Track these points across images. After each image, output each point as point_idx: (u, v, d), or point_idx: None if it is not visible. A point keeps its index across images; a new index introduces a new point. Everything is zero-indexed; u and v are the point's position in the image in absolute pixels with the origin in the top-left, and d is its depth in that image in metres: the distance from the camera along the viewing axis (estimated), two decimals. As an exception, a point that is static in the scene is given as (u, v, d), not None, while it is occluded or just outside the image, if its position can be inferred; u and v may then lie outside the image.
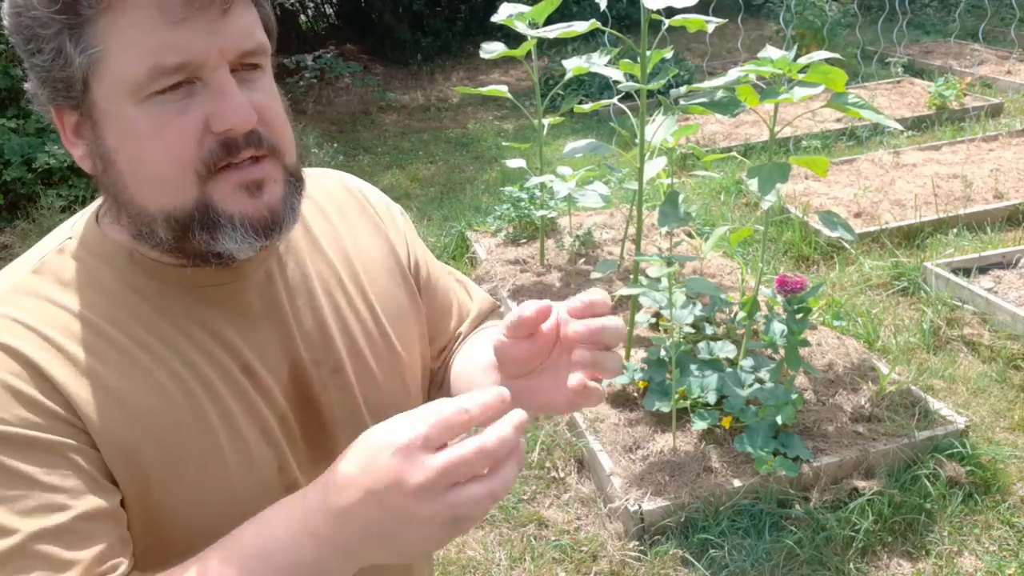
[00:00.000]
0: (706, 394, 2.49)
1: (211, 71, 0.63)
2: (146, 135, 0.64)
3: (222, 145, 0.64)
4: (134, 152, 0.65)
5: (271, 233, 0.68)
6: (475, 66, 8.23)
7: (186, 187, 0.65)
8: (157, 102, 0.63)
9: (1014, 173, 4.34)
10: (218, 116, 0.64)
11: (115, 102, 0.64)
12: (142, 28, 0.61)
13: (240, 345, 0.73)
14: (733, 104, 2.21)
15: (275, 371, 0.75)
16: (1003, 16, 7.97)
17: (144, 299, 0.71)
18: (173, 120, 0.63)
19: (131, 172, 0.66)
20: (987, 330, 3.06)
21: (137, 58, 0.61)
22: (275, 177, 0.69)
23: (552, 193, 3.76)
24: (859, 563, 2.15)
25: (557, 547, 2.29)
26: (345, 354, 0.80)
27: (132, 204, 0.67)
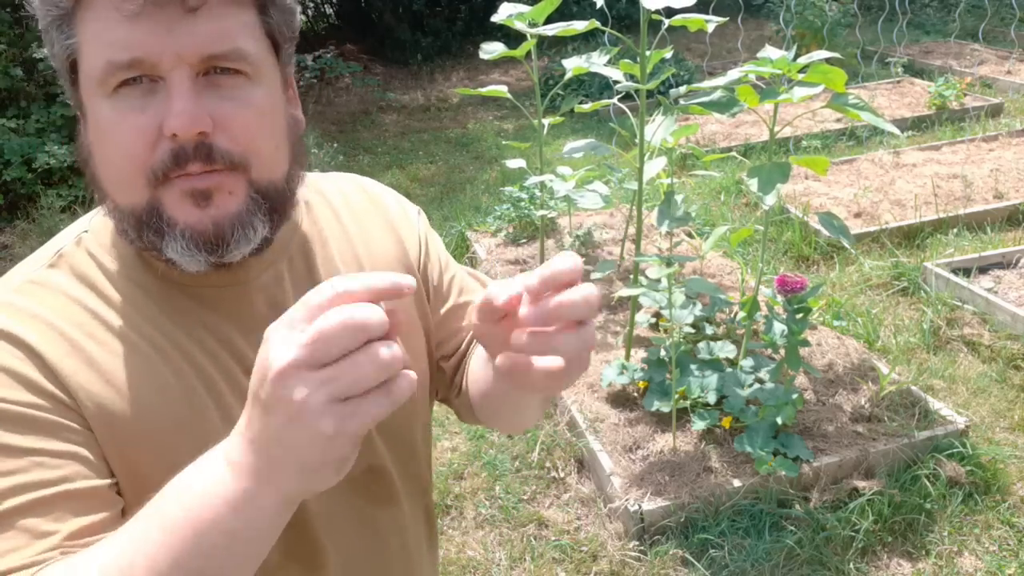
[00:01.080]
0: (706, 394, 2.49)
1: (168, 71, 0.61)
2: (108, 130, 0.64)
3: (172, 154, 0.62)
4: (102, 147, 0.65)
5: (214, 249, 0.65)
6: (475, 66, 8.23)
7: (139, 187, 0.64)
8: (121, 97, 0.63)
9: (1014, 173, 4.34)
10: (166, 119, 0.62)
11: (89, 95, 0.64)
12: (102, 22, 0.61)
13: (244, 348, 0.72)
14: (732, 104, 2.21)
15: None
16: (1003, 16, 7.96)
17: (150, 297, 0.70)
18: (130, 117, 0.63)
19: (102, 166, 0.66)
20: (987, 330, 3.06)
21: (96, 52, 0.62)
22: (230, 190, 0.65)
23: (552, 193, 3.76)
24: (859, 563, 2.15)
25: (557, 547, 2.29)
26: None
27: (108, 199, 0.68)
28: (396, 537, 0.83)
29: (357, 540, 0.79)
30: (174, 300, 0.71)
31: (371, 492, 0.79)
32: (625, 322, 3.07)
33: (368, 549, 0.80)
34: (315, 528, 0.75)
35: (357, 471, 0.76)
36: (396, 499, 0.81)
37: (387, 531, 0.81)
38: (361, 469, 0.77)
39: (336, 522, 0.76)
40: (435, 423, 2.90)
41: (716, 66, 6.87)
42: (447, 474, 2.63)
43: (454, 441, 2.80)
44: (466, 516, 2.46)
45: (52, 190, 4.85)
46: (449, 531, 2.42)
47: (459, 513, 2.48)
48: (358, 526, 0.78)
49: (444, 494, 2.55)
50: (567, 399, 2.72)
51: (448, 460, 2.71)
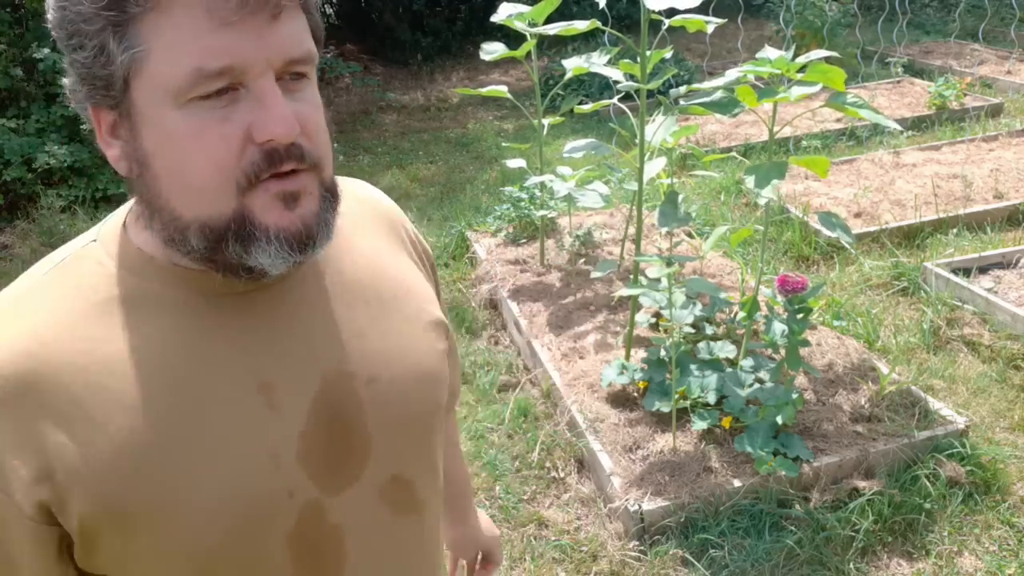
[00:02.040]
0: (706, 394, 2.49)
1: (255, 78, 0.61)
2: (186, 141, 0.62)
3: (264, 155, 0.62)
4: (173, 157, 0.63)
5: (305, 249, 0.66)
6: (475, 66, 8.23)
7: (225, 197, 0.63)
8: (199, 107, 0.61)
9: (1014, 173, 4.34)
10: (260, 126, 0.62)
11: (155, 104, 0.62)
12: (188, 30, 0.59)
13: (263, 359, 0.70)
14: (732, 104, 2.21)
15: (300, 385, 0.71)
16: (1003, 16, 7.97)
17: (162, 310, 0.68)
18: (215, 127, 0.61)
19: (168, 178, 0.64)
20: (987, 330, 3.06)
21: (180, 61, 0.59)
22: (311, 191, 0.66)
23: (552, 193, 3.76)
24: (859, 563, 2.15)
25: (557, 547, 2.29)
26: (382, 363, 0.76)
27: (166, 210, 0.65)
28: (418, 548, 0.82)
29: (381, 550, 0.77)
30: (189, 311, 0.69)
31: (396, 502, 0.77)
32: (625, 322, 3.07)
33: (392, 559, 0.79)
34: (341, 537, 0.73)
35: (382, 480, 0.75)
36: (419, 509, 0.80)
37: (410, 542, 0.80)
38: (386, 478, 0.75)
39: (361, 532, 0.75)
40: (435, 423, 2.90)
41: (716, 66, 6.87)
42: (447, 474, 2.62)
43: (454, 441, 2.80)
44: (466, 516, 2.46)
45: (52, 190, 4.85)
46: (449, 531, 2.42)
47: (459, 513, 2.48)
48: (382, 536, 0.77)
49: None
50: (567, 399, 2.72)
51: (448, 460, 2.70)
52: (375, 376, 0.75)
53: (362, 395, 0.74)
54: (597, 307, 3.29)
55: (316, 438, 0.71)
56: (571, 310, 3.28)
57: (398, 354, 0.78)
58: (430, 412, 0.80)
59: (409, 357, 0.79)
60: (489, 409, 2.92)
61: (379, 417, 0.74)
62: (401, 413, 0.76)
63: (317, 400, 0.71)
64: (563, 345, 3.05)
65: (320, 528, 0.71)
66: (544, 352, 3.03)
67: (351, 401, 0.73)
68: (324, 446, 0.71)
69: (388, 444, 0.75)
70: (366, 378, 0.74)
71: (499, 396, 3.01)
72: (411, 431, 0.78)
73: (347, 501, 0.72)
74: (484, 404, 2.97)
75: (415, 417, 0.78)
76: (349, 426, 0.73)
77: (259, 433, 0.68)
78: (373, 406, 0.74)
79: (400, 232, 0.88)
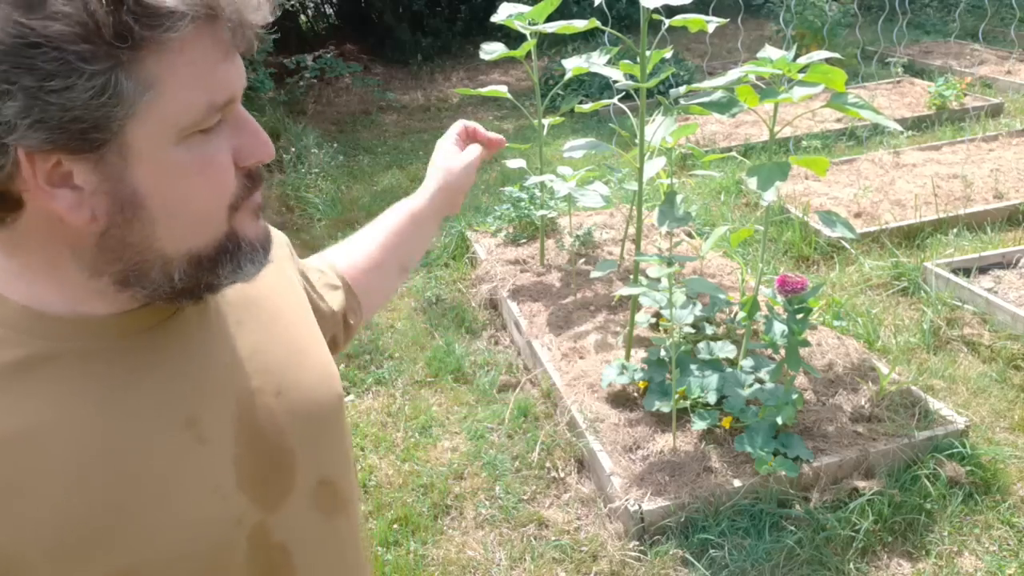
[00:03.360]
0: (706, 394, 2.49)
1: (233, 106, 0.65)
2: (192, 175, 0.62)
3: (250, 179, 0.66)
4: (176, 194, 0.61)
5: (268, 252, 0.70)
6: (475, 66, 8.23)
7: (221, 222, 0.65)
8: (198, 141, 0.61)
9: (1014, 173, 4.34)
10: (246, 150, 0.65)
11: (158, 144, 0.59)
12: (200, 66, 0.59)
13: (179, 394, 0.67)
14: (732, 104, 2.21)
15: (221, 411, 0.70)
16: (1003, 16, 7.97)
17: (67, 366, 0.63)
18: (215, 158, 0.63)
19: (166, 216, 0.62)
20: (987, 330, 3.06)
21: (193, 96, 0.59)
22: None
23: (552, 193, 3.76)
24: (859, 563, 2.15)
25: (557, 547, 2.29)
26: (283, 373, 0.76)
27: (151, 251, 0.62)
28: (352, 545, 0.83)
29: (323, 556, 0.78)
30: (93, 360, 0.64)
31: (326, 505, 0.78)
32: (625, 322, 3.07)
33: (334, 562, 0.80)
34: (287, 553, 0.74)
35: (312, 486, 0.76)
36: (345, 507, 0.81)
37: (345, 540, 0.82)
38: (314, 484, 0.76)
39: (303, 543, 0.75)
40: (435, 423, 2.90)
41: (716, 66, 6.87)
42: (447, 474, 2.63)
43: (454, 441, 2.80)
44: (466, 516, 2.46)
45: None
46: (449, 531, 2.42)
47: (459, 513, 2.48)
48: (321, 542, 0.77)
49: (444, 494, 2.55)
50: (567, 399, 2.72)
51: (448, 460, 2.71)
52: (281, 386, 0.75)
53: (275, 408, 0.74)
54: (597, 307, 3.29)
55: (248, 460, 0.70)
56: (571, 310, 3.28)
57: (295, 359, 0.78)
58: (335, 406, 0.81)
59: (305, 359, 0.80)
60: (489, 409, 2.92)
61: (295, 426, 0.75)
62: (313, 416, 0.77)
63: (237, 422, 0.71)
64: (563, 345, 3.05)
65: (267, 548, 0.72)
66: (544, 352, 3.03)
67: (267, 416, 0.73)
68: (256, 466, 0.71)
69: (309, 449, 0.76)
70: (274, 391, 0.74)
71: (499, 396, 3.01)
72: (325, 430, 0.79)
73: (286, 515, 0.73)
74: (484, 404, 2.97)
75: (325, 415, 0.79)
76: (271, 441, 0.73)
77: (197, 468, 0.67)
78: (287, 416, 0.74)
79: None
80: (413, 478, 2.63)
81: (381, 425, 2.92)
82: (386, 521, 2.45)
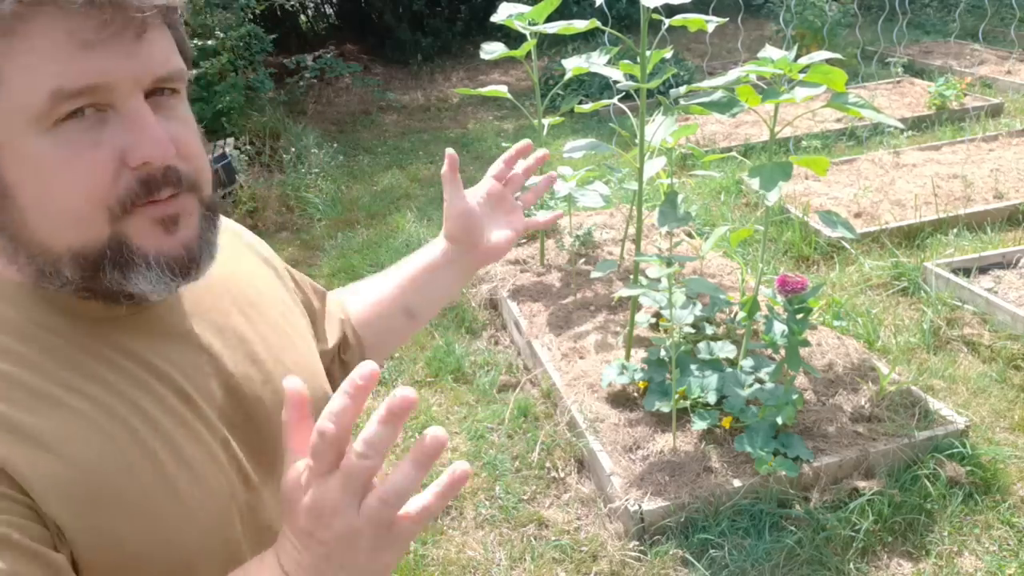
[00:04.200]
0: (706, 394, 2.49)
1: (124, 99, 0.59)
2: (54, 168, 0.58)
3: (141, 183, 0.60)
4: (39, 186, 0.59)
5: (188, 272, 0.65)
6: (475, 66, 8.23)
7: (97, 224, 0.60)
8: (65, 131, 0.58)
9: (1014, 173, 4.34)
10: (134, 149, 0.59)
11: (15, 132, 0.58)
12: (46, 52, 0.56)
13: (171, 371, 0.68)
14: (732, 104, 2.21)
15: (208, 394, 0.71)
16: (1003, 16, 7.97)
17: (59, 337, 0.64)
18: (84, 153, 0.58)
19: (35, 208, 0.60)
20: (987, 330, 3.06)
21: (37, 84, 0.56)
22: (191, 211, 0.65)
23: (552, 193, 3.76)
24: (859, 563, 2.15)
25: (557, 547, 2.29)
26: (270, 363, 0.77)
27: (33, 242, 0.61)
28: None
29: None
30: (85, 334, 0.65)
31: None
32: (625, 322, 3.07)
33: None
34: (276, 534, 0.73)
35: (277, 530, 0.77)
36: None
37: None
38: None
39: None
40: (435, 423, 2.90)
41: (716, 66, 6.87)
42: (447, 474, 2.62)
43: (454, 441, 2.80)
44: (466, 516, 2.46)
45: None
46: (449, 531, 2.42)
47: (459, 513, 2.48)
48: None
49: (444, 494, 2.54)
50: (567, 399, 2.72)
51: (448, 460, 2.71)
52: (268, 376, 0.77)
53: (263, 395, 0.75)
54: (597, 307, 3.29)
55: (234, 441, 0.72)
56: (571, 310, 3.28)
57: (281, 354, 0.80)
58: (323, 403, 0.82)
59: (290, 356, 0.81)
60: (489, 409, 2.92)
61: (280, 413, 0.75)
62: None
63: (224, 407, 0.72)
64: (563, 345, 3.05)
65: (256, 527, 0.73)
66: (544, 352, 3.03)
67: (255, 402, 0.74)
68: (242, 448, 0.73)
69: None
70: (260, 379, 0.76)
71: (499, 396, 3.01)
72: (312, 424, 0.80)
73: (270, 498, 0.75)
74: (484, 404, 2.97)
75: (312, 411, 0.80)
76: (258, 425, 0.74)
77: (197, 436, 0.69)
78: (274, 404, 0.75)
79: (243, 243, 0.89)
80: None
81: (381, 425, 2.92)
82: (386, 521, 2.45)
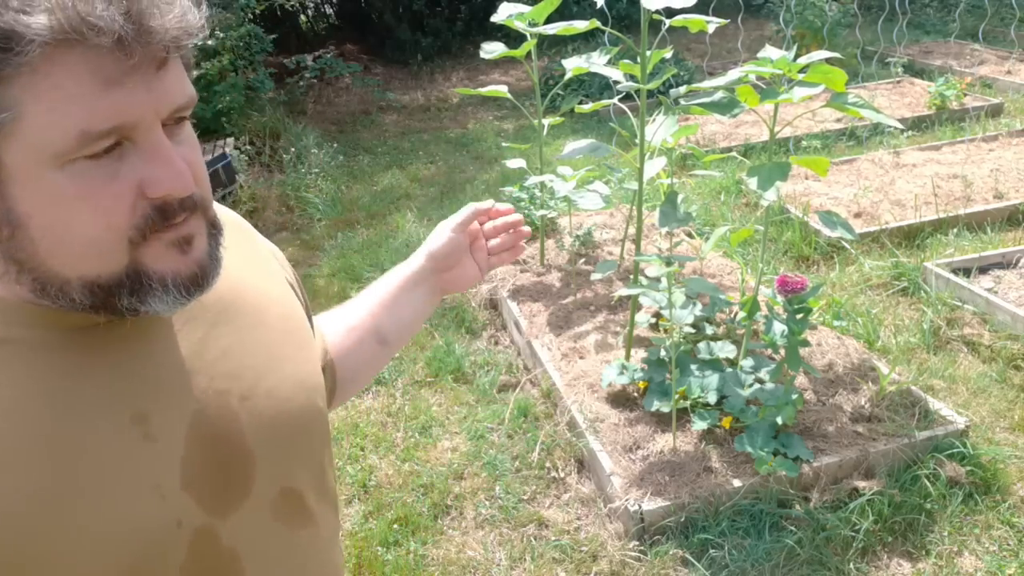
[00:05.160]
0: (706, 394, 2.49)
1: (145, 132, 0.59)
2: (72, 202, 0.58)
3: (158, 211, 0.61)
4: (55, 219, 0.59)
5: (200, 289, 0.65)
6: (475, 66, 8.23)
7: (116, 254, 0.61)
8: (84, 166, 0.58)
9: (1014, 173, 4.34)
10: (155, 182, 0.60)
11: (31, 166, 0.57)
12: (70, 91, 0.55)
13: (133, 389, 0.67)
14: (732, 104, 2.21)
15: (175, 410, 0.69)
16: (1003, 16, 7.97)
17: (16, 352, 0.63)
18: (104, 187, 0.58)
19: (48, 239, 0.60)
20: (987, 330, 3.06)
21: (63, 124, 0.56)
22: (200, 231, 0.66)
23: (552, 193, 3.76)
24: (859, 563, 2.15)
25: (557, 547, 2.29)
26: (253, 378, 0.75)
27: (42, 268, 0.61)
28: (316, 561, 0.81)
29: (280, 568, 0.76)
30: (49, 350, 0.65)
31: (289, 516, 0.76)
32: (625, 322, 3.07)
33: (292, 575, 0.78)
34: (237, 560, 0.72)
35: (272, 496, 0.74)
36: (313, 521, 0.79)
37: (308, 556, 0.79)
38: (275, 494, 0.74)
39: (257, 552, 0.73)
40: (435, 423, 2.90)
41: (716, 66, 6.87)
42: (447, 474, 2.63)
43: (454, 441, 2.80)
44: (466, 516, 2.46)
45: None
46: (449, 531, 2.42)
47: (459, 513, 2.48)
48: (279, 554, 0.76)
49: (444, 494, 2.55)
50: (567, 399, 2.72)
51: (448, 460, 2.71)
52: (249, 391, 0.74)
53: (238, 411, 0.72)
54: (597, 307, 3.29)
55: (198, 462, 0.69)
56: (571, 310, 3.28)
57: (269, 366, 0.77)
58: (310, 419, 0.79)
59: (281, 368, 0.78)
60: (489, 409, 2.92)
61: (259, 432, 0.73)
62: (281, 424, 0.75)
63: (193, 423, 0.70)
64: (563, 345, 3.05)
65: (214, 554, 0.70)
66: (544, 352, 3.03)
67: (228, 419, 0.72)
68: (207, 469, 0.70)
69: (272, 458, 0.74)
70: (240, 394, 0.73)
71: (499, 396, 3.01)
72: (293, 441, 0.77)
73: (239, 522, 0.71)
74: (484, 404, 2.97)
75: (296, 427, 0.77)
76: (229, 445, 0.71)
77: (138, 465, 0.66)
78: (251, 420, 0.73)
79: (257, 248, 0.87)
80: (413, 478, 2.63)
81: (381, 425, 2.92)
82: (386, 521, 2.45)
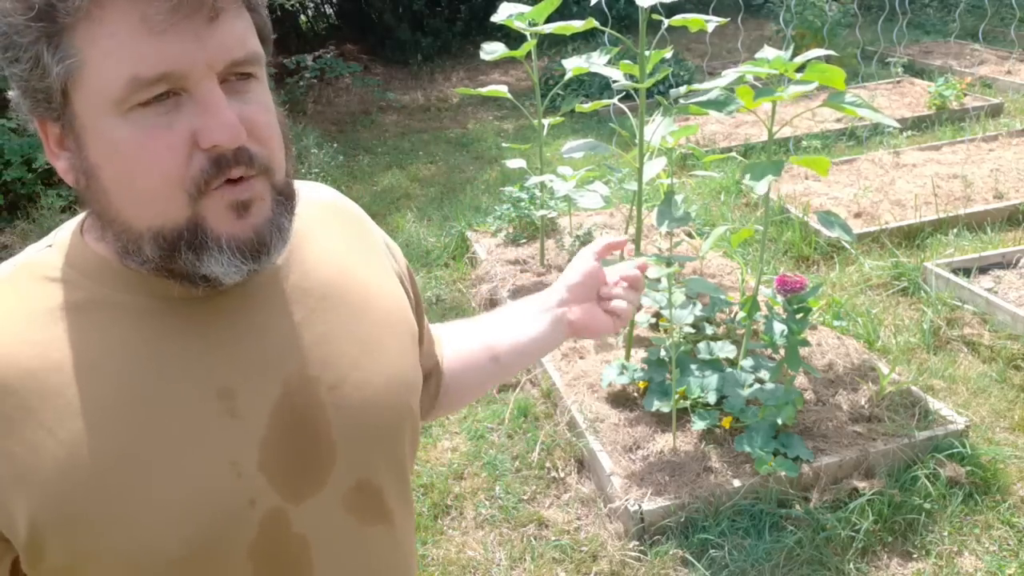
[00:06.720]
0: (706, 394, 2.49)
1: (197, 83, 0.60)
2: (130, 150, 0.61)
3: (212, 162, 0.61)
4: (119, 168, 0.62)
5: (258, 257, 0.65)
6: (475, 66, 8.23)
7: (177, 205, 0.62)
8: (141, 115, 0.60)
9: (1014, 173, 4.34)
10: (204, 132, 0.61)
11: (97, 115, 0.60)
12: (122, 38, 0.58)
13: (223, 365, 0.68)
14: (728, 101, 2.21)
15: (262, 391, 0.69)
16: (1003, 16, 7.96)
17: (120, 316, 0.66)
18: (159, 135, 0.60)
19: (117, 189, 0.63)
20: (987, 330, 3.06)
21: (115, 69, 0.58)
22: (263, 196, 0.65)
23: (552, 193, 3.76)
24: (859, 563, 2.15)
25: (557, 547, 2.29)
26: (346, 368, 0.74)
27: (117, 221, 0.64)
28: (389, 559, 0.79)
29: (349, 561, 0.75)
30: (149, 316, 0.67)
31: (363, 510, 0.75)
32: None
33: (360, 571, 0.76)
34: (305, 547, 0.71)
35: (348, 487, 0.73)
36: (388, 518, 0.78)
37: (379, 552, 0.78)
38: (352, 486, 0.74)
39: (327, 542, 0.73)
40: (435, 423, 2.90)
41: (716, 66, 6.86)
42: (447, 474, 2.63)
43: (454, 441, 2.80)
44: (466, 516, 2.46)
45: (52, 190, 4.84)
46: (449, 531, 2.42)
47: (459, 513, 2.48)
48: (349, 546, 0.75)
49: (444, 494, 2.55)
50: (567, 399, 2.72)
51: (448, 460, 2.71)
52: (339, 380, 0.73)
53: (325, 400, 0.72)
54: (597, 307, 3.29)
55: (278, 445, 0.69)
56: (571, 310, 3.28)
57: (364, 358, 0.76)
58: (399, 417, 0.78)
59: (376, 361, 0.77)
60: (489, 409, 2.92)
61: (344, 423, 0.73)
62: (367, 418, 0.75)
63: (279, 406, 0.70)
64: (563, 345, 3.06)
65: (283, 538, 0.70)
66: (544, 352, 3.02)
67: (314, 407, 0.71)
68: (287, 453, 0.69)
69: (354, 450, 0.73)
70: (329, 383, 0.73)
71: (499, 396, 3.01)
72: (378, 437, 0.76)
73: (311, 509, 0.71)
74: (484, 404, 2.97)
75: (383, 422, 0.76)
76: (312, 432, 0.71)
77: (218, 440, 0.66)
78: (337, 411, 0.72)
79: (369, 237, 0.86)
80: (413, 478, 2.63)
81: (381, 425, 2.92)
82: (386, 521, 2.45)
